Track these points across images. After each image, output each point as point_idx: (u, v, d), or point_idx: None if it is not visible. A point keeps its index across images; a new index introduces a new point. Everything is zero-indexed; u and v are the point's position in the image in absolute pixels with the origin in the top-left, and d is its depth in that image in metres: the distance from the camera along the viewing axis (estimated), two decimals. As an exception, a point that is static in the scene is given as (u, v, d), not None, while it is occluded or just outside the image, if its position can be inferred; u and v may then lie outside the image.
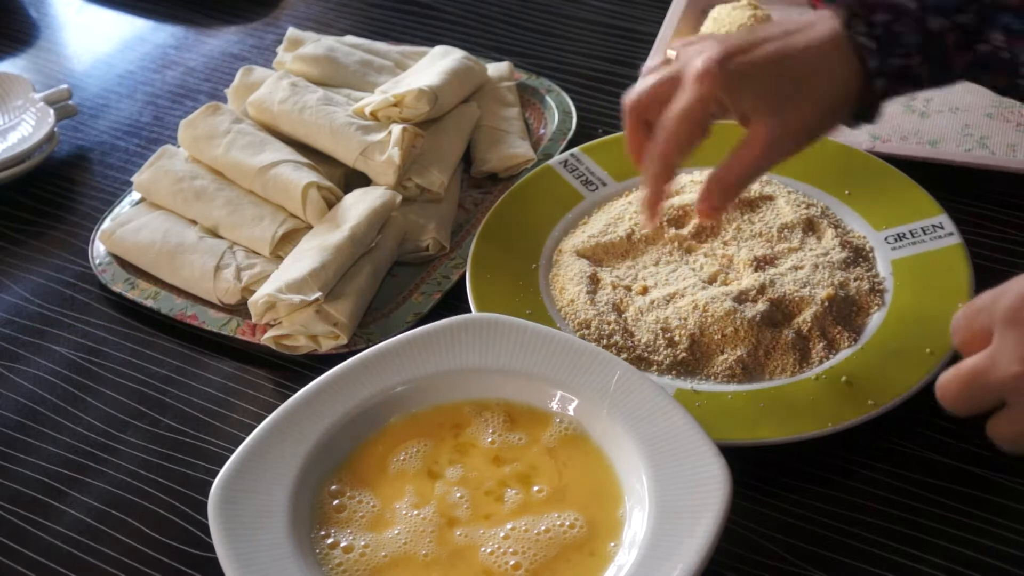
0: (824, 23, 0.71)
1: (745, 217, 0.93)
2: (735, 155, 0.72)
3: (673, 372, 0.82)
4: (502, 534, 0.69)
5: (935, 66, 0.71)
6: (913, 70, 0.70)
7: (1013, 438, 0.54)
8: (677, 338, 0.83)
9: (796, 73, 0.71)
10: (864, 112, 0.73)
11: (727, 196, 0.75)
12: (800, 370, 0.81)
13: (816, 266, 0.87)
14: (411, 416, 0.76)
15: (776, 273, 0.87)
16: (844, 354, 0.82)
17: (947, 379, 0.56)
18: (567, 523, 0.69)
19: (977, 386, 0.54)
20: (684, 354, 0.82)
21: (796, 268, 0.88)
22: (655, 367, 0.82)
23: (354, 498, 0.72)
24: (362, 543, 0.69)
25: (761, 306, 0.84)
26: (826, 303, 0.84)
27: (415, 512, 0.71)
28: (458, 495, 0.71)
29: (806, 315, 0.83)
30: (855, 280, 0.87)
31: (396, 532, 0.70)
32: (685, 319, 0.83)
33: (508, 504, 0.71)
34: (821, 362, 0.81)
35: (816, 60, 0.70)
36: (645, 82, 0.74)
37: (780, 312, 0.84)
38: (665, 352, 0.83)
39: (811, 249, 0.90)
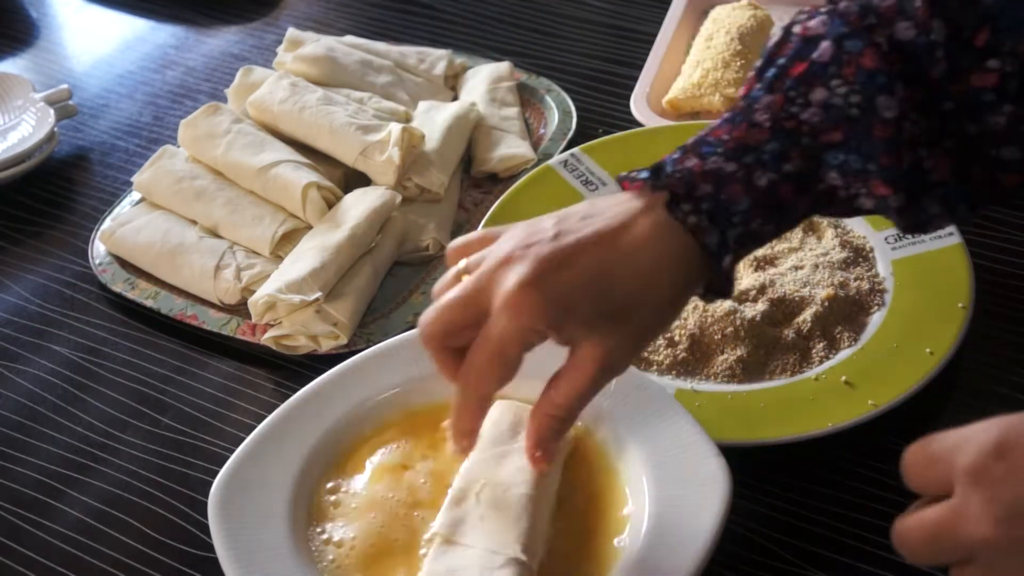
0: (645, 214, 0.61)
1: (745, 217, 0.93)
2: (563, 381, 0.61)
3: (673, 372, 0.82)
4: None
5: (777, 218, 0.63)
6: (754, 231, 0.62)
7: None
8: (677, 338, 0.83)
9: (628, 287, 0.60)
10: (717, 288, 0.63)
11: (561, 430, 0.63)
12: (800, 370, 0.81)
13: (816, 266, 0.87)
14: (411, 416, 0.76)
15: (776, 273, 0.87)
16: (844, 354, 0.82)
17: (907, 528, 0.52)
18: (567, 523, 0.69)
19: (941, 541, 0.50)
20: (684, 354, 0.82)
21: (796, 268, 0.88)
22: (655, 367, 0.82)
23: (348, 492, 0.72)
24: (351, 535, 0.69)
25: (761, 306, 0.84)
26: (826, 303, 0.84)
27: (416, 513, 0.70)
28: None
29: (806, 315, 0.83)
30: (855, 280, 0.87)
31: (391, 530, 0.69)
32: (685, 319, 0.83)
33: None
34: (821, 362, 0.81)
35: (648, 264, 0.60)
36: (441, 308, 0.61)
37: (780, 312, 0.84)
38: (665, 352, 0.83)
39: (811, 249, 0.90)
